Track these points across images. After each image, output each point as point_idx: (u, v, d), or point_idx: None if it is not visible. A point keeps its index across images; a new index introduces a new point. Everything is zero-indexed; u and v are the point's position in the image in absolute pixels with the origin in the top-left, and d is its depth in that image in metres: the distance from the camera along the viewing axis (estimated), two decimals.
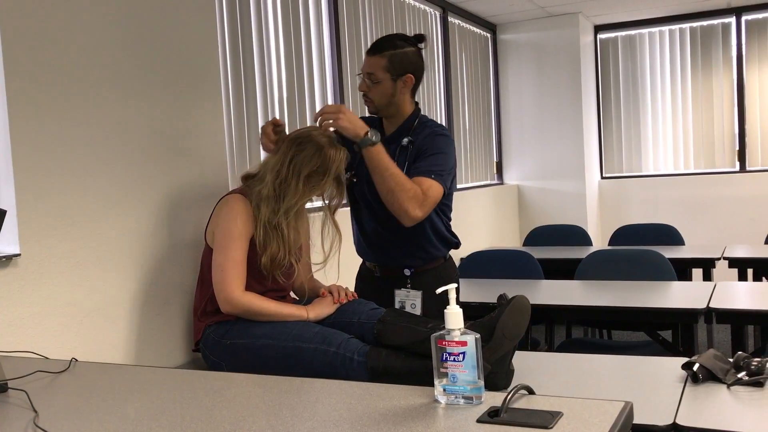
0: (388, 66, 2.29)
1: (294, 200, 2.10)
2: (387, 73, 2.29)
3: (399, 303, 2.37)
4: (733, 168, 6.09)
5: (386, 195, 2.16)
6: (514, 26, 6.11)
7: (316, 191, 2.16)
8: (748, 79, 5.99)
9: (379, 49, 2.31)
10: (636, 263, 3.47)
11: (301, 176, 2.11)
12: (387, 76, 2.29)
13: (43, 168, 1.96)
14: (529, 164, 6.18)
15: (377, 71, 2.29)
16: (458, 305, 1.37)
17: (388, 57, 2.29)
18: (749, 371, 1.67)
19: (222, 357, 2.05)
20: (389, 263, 2.42)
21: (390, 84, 2.30)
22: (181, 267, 2.40)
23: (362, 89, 2.35)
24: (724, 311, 2.61)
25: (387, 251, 2.42)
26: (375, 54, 2.31)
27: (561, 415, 1.18)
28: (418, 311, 2.34)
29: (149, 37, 2.31)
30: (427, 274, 2.39)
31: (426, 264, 2.40)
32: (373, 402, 1.32)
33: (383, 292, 2.37)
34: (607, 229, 5.92)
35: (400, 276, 2.39)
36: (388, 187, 2.14)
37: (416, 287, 2.37)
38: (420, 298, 2.35)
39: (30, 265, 1.91)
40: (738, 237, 5.85)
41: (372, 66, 2.30)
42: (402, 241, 2.35)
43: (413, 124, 2.37)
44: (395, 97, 2.32)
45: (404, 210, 2.15)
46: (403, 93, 2.34)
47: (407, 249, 2.37)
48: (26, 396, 1.44)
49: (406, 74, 2.31)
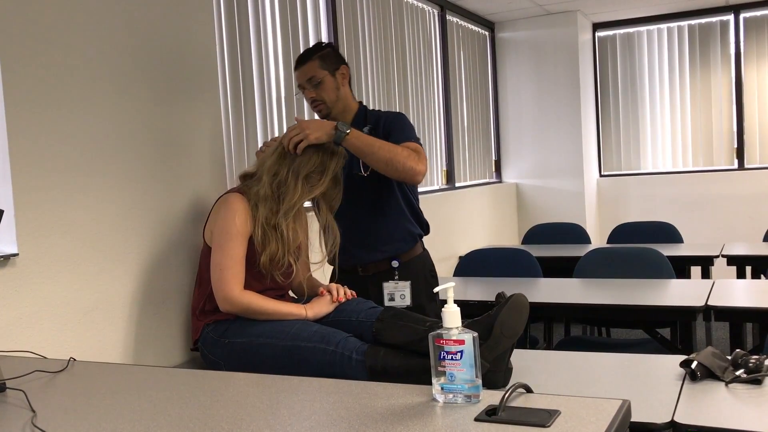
0: (322, 64, 2.44)
1: (293, 201, 2.11)
2: (324, 71, 2.44)
3: (388, 295, 2.46)
4: (732, 166, 6.09)
5: (385, 165, 2.25)
6: (512, 24, 6.11)
7: (315, 191, 2.16)
8: (747, 77, 5.99)
9: (306, 57, 2.46)
10: (634, 261, 3.47)
11: (299, 177, 2.12)
12: (326, 73, 2.44)
13: (41, 167, 1.95)
14: (528, 162, 6.18)
15: (315, 72, 2.44)
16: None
17: (317, 58, 2.45)
18: (747, 369, 1.67)
19: (220, 356, 2.05)
20: (377, 257, 2.48)
21: (331, 79, 2.45)
22: (180, 266, 2.40)
23: (309, 96, 2.46)
24: (723, 309, 2.61)
25: (374, 244, 2.47)
26: (305, 62, 2.46)
27: (559, 414, 1.18)
28: (408, 301, 2.45)
29: (148, 37, 2.30)
30: (412, 263, 2.51)
31: (410, 249, 2.51)
32: (371, 401, 1.32)
33: (368, 291, 2.41)
34: (606, 227, 5.93)
35: (388, 269, 2.48)
36: (384, 159, 2.23)
37: (403, 278, 2.47)
38: (409, 288, 2.46)
39: (28, 264, 1.91)
40: (736, 234, 5.86)
41: (308, 72, 2.44)
42: (386, 224, 2.46)
43: (365, 115, 2.51)
44: (340, 90, 2.48)
45: (409, 168, 2.25)
46: (344, 85, 2.50)
47: (392, 232, 2.48)
48: (24, 396, 1.44)
49: (340, 66, 2.48)
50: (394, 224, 2.49)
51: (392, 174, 2.28)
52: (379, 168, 2.27)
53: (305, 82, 2.45)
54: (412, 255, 2.53)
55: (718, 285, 2.93)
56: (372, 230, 2.49)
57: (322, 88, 2.44)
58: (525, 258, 3.68)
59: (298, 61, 2.48)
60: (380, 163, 2.24)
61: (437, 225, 4.62)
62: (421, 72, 4.77)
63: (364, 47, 4.07)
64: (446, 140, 5.16)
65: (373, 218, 2.48)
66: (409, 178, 2.30)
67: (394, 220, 2.49)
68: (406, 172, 2.26)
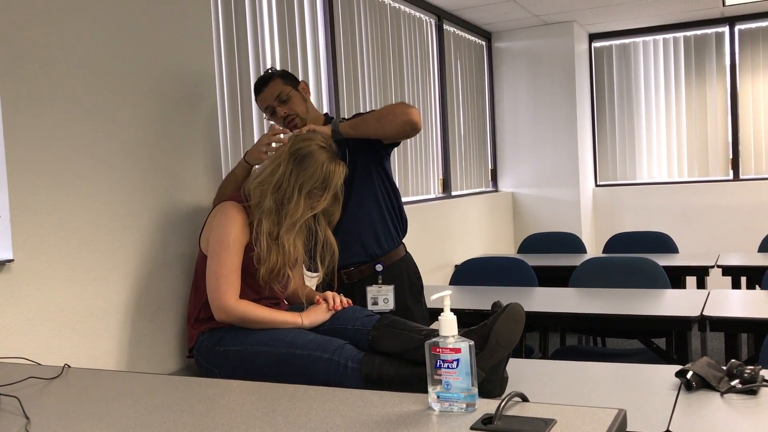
0: (285, 81, 2.51)
1: (296, 218, 2.10)
2: (288, 86, 2.50)
3: (371, 299, 2.48)
4: (727, 176, 6.11)
5: (380, 127, 2.34)
6: (509, 34, 6.13)
7: (317, 208, 2.16)
8: (742, 88, 6.02)
9: (266, 80, 2.51)
10: (630, 271, 3.48)
11: (302, 192, 2.11)
12: (290, 89, 2.50)
13: (37, 173, 1.95)
14: (524, 172, 6.19)
15: (281, 89, 2.49)
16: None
17: (278, 77, 2.52)
18: (742, 379, 1.67)
19: (215, 364, 2.05)
20: (362, 259, 2.50)
21: (297, 93, 2.51)
22: (175, 273, 2.39)
23: (282, 114, 2.48)
24: (718, 319, 2.61)
25: (357, 243, 2.49)
26: (267, 84, 2.51)
27: (554, 423, 1.18)
28: (391, 305, 2.47)
29: (145, 41, 2.31)
30: (395, 267, 2.54)
31: (392, 251, 2.54)
32: (367, 409, 1.31)
33: (355, 297, 2.40)
34: (602, 236, 5.94)
35: (371, 274, 2.50)
36: (376, 120, 2.34)
37: (387, 282, 2.49)
38: (392, 292, 2.49)
39: (23, 270, 1.90)
40: (732, 245, 5.87)
41: (273, 90, 2.49)
42: (370, 220, 2.50)
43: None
44: (307, 102, 2.55)
45: (404, 117, 2.32)
46: (308, 98, 2.56)
47: (375, 228, 2.51)
48: (18, 402, 1.44)
49: (299, 81, 2.55)
50: (376, 221, 2.51)
51: (393, 129, 2.34)
52: (375, 133, 2.36)
53: (273, 101, 2.48)
54: (395, 258, 2.55)
55: (713, 295, 2.94)
56: (355, 237, 2.49)
57: (291, 102, 2.48)
58: (521, 267, 3.68)
59: (258, 86, 2.52)
60: (375, 128, 2.34)
61: (433, 233, 4.63)
62: (418, 81, 4.79)
63: (362, 56, 4.08)
64: (443, 149, 5.17)
65: (358, 216, 2.49)
66: (407, 129, 2.34)
67: (376, 219, 2.52)
68: (402, 126, 2.32)
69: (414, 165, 4.66)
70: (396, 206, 2.59)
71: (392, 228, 2.56)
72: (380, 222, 2.52)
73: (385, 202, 2.55)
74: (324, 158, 2.14)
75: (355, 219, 2.48)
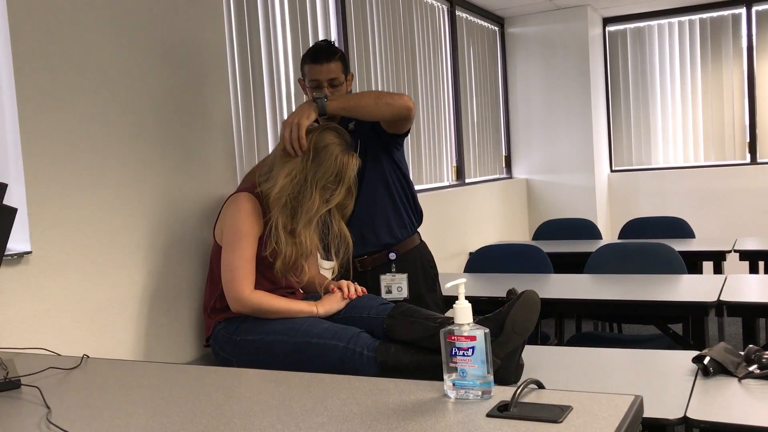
0: (343, 68, 2.45)
1: (311, 213, 2.10)
2: (343, 75, 2.44)
3: (385, 288, 2.48)
4: (744, 160, 6.05)
5: (376, 107, 2.29)
6: (522, 19, 6.09)
7: (331, 203, 2.15)
8: (759, 71, 5.95)
9: (330, 55, 2.41)
10: (646, 257, 3.45)
11: (317, 186, 2.11)
12: (344, 77, 2.44)
13: (54, 166, 1.97)
14: (538, 158, 6.16)
15: (339, 75, 2.44)
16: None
17: (340, 60, 2.44)
18: (760, 364, 1.66)
19: (232, 353, 2.06)
20: (375, 249, 2.49)
21: (345, 84, 2.46)
22: (191, 263, 2.41)
23: (324, 94, 2.41)
24: (735, 304, 2.59)
25: (371, 233, 2.48)
26: (331, 60, 2.41)
27: (571, 410, 1.18)
28: (405, 293, 2.47)
29: (159, 35, 2.31)
30: (409, 255, 2.53)
31: (406, 240, 2.52)
32: (383, 397, 1.32)
33: (368, 286, 2.39)
34: (617, 222, 5.90)
35: (385, 263, 2.50)
36: (372, 103, 2.28)
37: (401, 271, 2.49)
38: (406, 280, 2.48)
39: (41, 262, 1.92)
40: (749, 229, 5.81)
41: (332, 71, 2.41)
42: (383, 210, 2.48)
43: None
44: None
45: (399, 102, 2.29)
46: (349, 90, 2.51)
47: (388, 218, 2.49)
48: (39, 392, 1.46)
49: (349, 73, 2.49)
50: (390, 210, 2.50)
51: (387, 111, 2.30)
52: (370, 115, 2.32)
53: (325, 80, 2.39)
54: (408, 246, 2.54)
55: (730, 280, 2.92)
56: (369, 227, 2.48)
57: (338, 90, 2.41)
58: (536, 254, 3.67)
59: (318, 56, 2.40)
60: (371, 110, 2.29)
61: (447, 221, 4.62)
62: (431, 68, 4.77)
63: (373, 43, 4.06)
64: (456, 136, 5.16)
65: (371, 206, 2.48)
66: (402, 113, 2.31)
67: (390, 208, 2.51)
68: (397, 109, 2.29)
69: (427, 153, 4.65)
70: (409, 196, 2.58)
71: (405, 217, 2.55)
72: (393, 211, 2.52)
73: (397, 191, 2.53)
74: (338, 151, 2.13)
75: (367, 208, 2.48)
